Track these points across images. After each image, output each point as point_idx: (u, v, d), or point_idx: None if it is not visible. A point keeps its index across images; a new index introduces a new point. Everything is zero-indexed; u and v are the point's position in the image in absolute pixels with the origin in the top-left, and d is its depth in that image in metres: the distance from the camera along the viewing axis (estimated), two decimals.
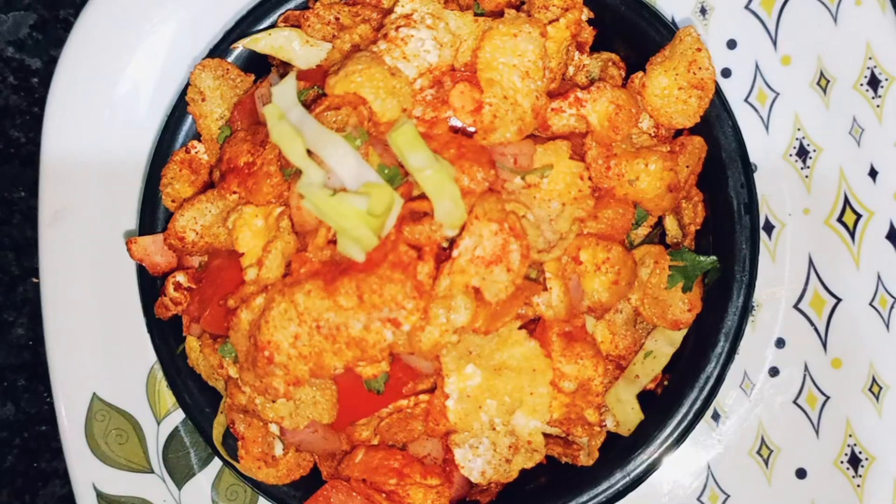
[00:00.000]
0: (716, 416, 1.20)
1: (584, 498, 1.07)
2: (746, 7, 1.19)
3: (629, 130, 1.00)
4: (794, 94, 1.19)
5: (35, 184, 1.26)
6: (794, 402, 1.19)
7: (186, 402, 1.14)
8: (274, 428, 1.06)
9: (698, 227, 1.11)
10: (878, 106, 1.17)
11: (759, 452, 1.20)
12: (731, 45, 1.20)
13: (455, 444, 0.98)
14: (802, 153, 1.19)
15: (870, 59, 1.17)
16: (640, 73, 1.04)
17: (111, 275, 1.24)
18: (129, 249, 1.11)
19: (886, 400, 1.17)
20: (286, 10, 1.12)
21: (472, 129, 0.95)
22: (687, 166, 1.04)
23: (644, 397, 1.06)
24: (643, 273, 1.04)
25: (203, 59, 1.11)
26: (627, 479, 1.07)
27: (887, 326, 1.17)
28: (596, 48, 1.09)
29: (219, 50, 1.13)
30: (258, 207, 0.97)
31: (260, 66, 1.12)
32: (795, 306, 1.19)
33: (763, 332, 1.19)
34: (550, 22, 0.99)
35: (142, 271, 1.15)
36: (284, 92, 0.96)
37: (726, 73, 1.20)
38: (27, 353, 1.42)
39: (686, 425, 1.07)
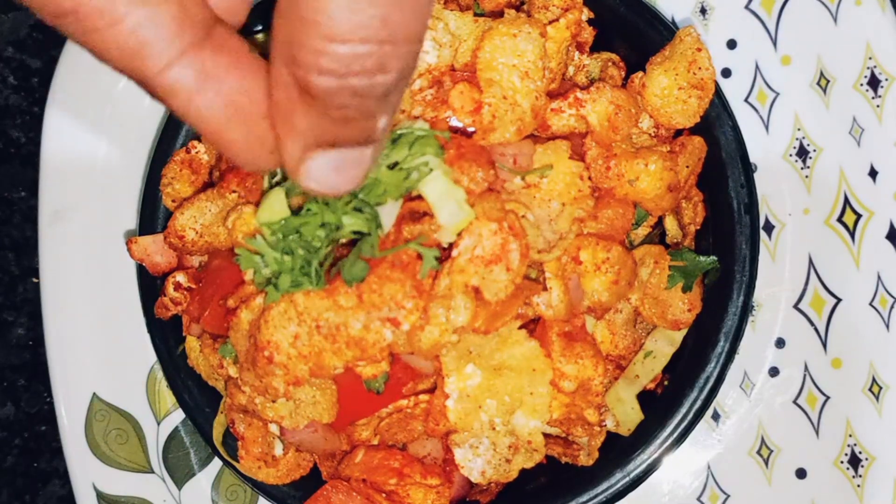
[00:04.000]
0: (716, 416, 1.20)
1: (584, 498, 1.07)
2: (746, 7, 1.19)
3: (629, 130, 1.00)
4: (794, 94, 1.19)
5: (35, 184, 1.26)
6: (794, 402, 1.19)
7: (186, 402, 1.14)
8: (274, 428, 1.06)
9: (698, 227, 1.11)
10: (878, 106, 1.17)
11: (759, 452, 1.20)
12: (731, 45, 1.20)
13: (455, 444, 0.98)
14: (802, 153, 1.19)
15: (870, 59, 1.17)
16: (640, 73, 1.04)
17: (111, 275, 1.24)
18: (129, 249, 1.11)
19: (886, 400, 1.17)
20: None
21: (471, 129, 0.95)
22: (687, 166, 1.04)
23: (644, 397, 1.06)
24: (643, 273, 1.04)
25: None
26: (627, 479, 1.07)
27: (887, 326, 1.17)
28: (596, 48, 1.09)
29: None
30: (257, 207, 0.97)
31: None
32: (795, 306, 1.19)
33: (763, 332, 1.19)
34: (550, 22, 0.99)
35: (142, 271, 1.15)
36: None
37: (726, 73, 1.20)
38: (27, 353, 1.42)
39: (686, 425, 1.07)
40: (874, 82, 1.17)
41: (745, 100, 1.20)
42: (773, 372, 1.19)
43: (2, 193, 1.42)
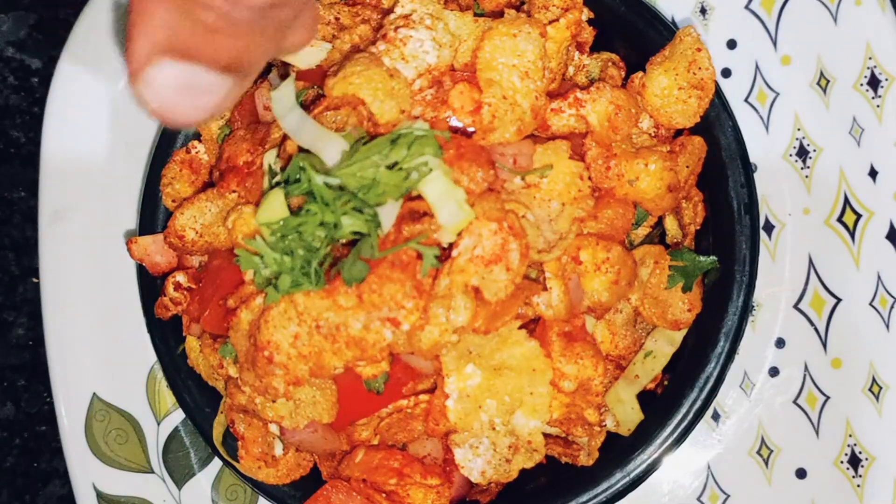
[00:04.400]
0: (716, 416, 1.20)
1: (584, 498, 1.07)
2: (746, 7, 1.19)
3: (629, 130, 1.00)
4: (794, 94, 1.19)
5: (35, 184, 1.26)
6: (794, 402, 1.19)
7: (186, 402, 1.14)
8: (274, 428, 1.06)
9: (698, 227, 1.10)
10: (878, 106, 1.17)
11: (759, 452, 1.20)
12: (731, 45, 1.20)
13: (455, 444, 0.98)
14: (802, 153, 1.19)
15: (870, 59, 1.17)
16: (640, 73, 1.04)
17: (111, 275, 1.24)
18: (129, 249, 1.11)
19: (886, 400, 1.17)
20: None
21: (471, 129, 0.95)
22: (687, 166, 1.04)
23: (644, 397, 1.06)
24: (643, 273, 1.04)
25: None
26: (627, 479, 1.07)
27: (887, 326, 1.17)
28: (596, 48, 1.09)
29: None
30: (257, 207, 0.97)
31: None
32: (795, 306, 1.19)
33: (763, 332, 1.19)
34: (550, 22, 0.99)
35: (142, 271, 1.15)
36: (283, 96, 0.96)
37: (726, 73, 1.20)
38: (27, 353, 1.42)
39: (686, 425, 1.07)
40: (874, 82, 1.17)
41: (745, 100, 1.20)
42: (773, 372, 1.19)
43: (2, 193, 1.42)
